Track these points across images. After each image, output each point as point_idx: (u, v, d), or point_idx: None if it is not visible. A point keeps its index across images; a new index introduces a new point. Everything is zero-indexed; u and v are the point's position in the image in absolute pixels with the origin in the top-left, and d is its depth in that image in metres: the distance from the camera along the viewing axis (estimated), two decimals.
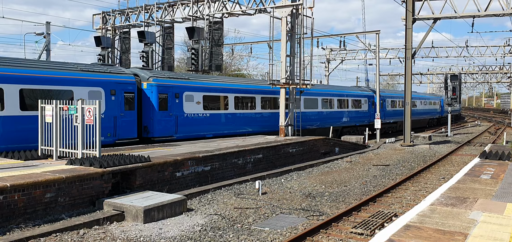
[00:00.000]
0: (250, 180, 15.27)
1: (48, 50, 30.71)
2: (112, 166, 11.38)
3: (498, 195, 9.71)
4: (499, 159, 15.75)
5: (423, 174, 17.95)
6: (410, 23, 27.58)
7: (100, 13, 30.74)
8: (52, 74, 16.07)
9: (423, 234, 6.74)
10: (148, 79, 19.53)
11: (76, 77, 16.75)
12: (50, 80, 15.89)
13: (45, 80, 15.72)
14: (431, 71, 73.64)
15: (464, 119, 75.63)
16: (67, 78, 16.46)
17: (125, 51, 29.77)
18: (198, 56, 25.09)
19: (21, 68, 15.31)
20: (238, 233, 9.53)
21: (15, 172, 10.40)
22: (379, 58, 33.63)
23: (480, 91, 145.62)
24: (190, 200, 12.30)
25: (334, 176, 17.06)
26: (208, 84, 22.43)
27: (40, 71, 15.82)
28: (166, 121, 19.84)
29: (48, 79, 15.85)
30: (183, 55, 50.76)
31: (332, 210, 11.78)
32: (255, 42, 45.56)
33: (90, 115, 12.21)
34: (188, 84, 21.20)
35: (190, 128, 20.95)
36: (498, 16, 26.49)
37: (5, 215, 9.06)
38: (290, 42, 22.23)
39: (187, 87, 20.97)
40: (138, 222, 10.12)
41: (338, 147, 24.29)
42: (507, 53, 54.03)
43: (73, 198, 10.35)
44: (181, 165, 13.61)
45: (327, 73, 50.89)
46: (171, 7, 27.09)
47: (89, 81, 17.02)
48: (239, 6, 24.58)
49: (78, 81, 16.70)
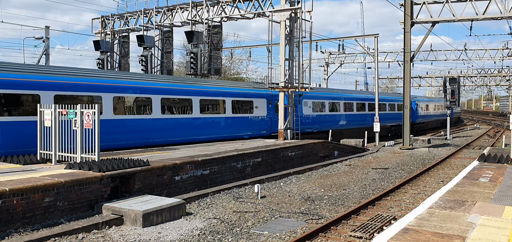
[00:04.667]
0: (249, 183, 15.27)
1: (47, 54, 30.75)
2: (111, 170, 11.38)
3: (496, 198, 9.72)
4: (497, 162, 15.77)
5: (422, 177, 17.96)
6: (408, 26, 27.64)
7: (99, 17, 30.81)
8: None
9: (421, 237, 6.75)
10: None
11: (254, 92, 19.94)
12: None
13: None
14: (430, 75, 73.77)
15: (464, 123, 75.68)
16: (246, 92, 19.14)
17: (124, 55, 29.81)
18: (197, 60, 25.12)
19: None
20: (237, 237, 9.53)
21: (13, 176, 10.40)
22: (378, 62, 33.67)
23: (479, 95, 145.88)
24: (189, 204, 12.30)
25: (333, 180, 17.06)
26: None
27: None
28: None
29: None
30: (182, 59, 50.85)
31: (331, 214, 11.79)
32: (254, 46, 45.61)
33: (89, 120, 12.22)
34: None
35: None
36: (496, 19, 26.57)
37: (4, 219, 9.06)
38: (289, 46, 22.27)
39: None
40: (137, 226, 10.12)
41: (337, 150, 24.30)
42: (505, 56, 54.15)
43: (72, 202, 10.35)
44: (180, 169, 13.61)
45: (326, 76, 50.96)
46: (170, 11, 27.14)
47: (258, 95, 20.63)
48: (238, 10, 24.64)
49: (254, 95, 19.41)
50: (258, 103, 24.61)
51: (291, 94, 22.76)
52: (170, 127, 19.62)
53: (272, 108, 25.34)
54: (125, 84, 18.21)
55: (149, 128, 18.67)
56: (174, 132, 19.74)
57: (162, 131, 19.16)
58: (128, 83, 18.38)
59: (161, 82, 20.21)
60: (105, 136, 15.74)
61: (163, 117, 19.22)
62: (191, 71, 25.22)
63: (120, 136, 17.56)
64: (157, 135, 18.98)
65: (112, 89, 17.45)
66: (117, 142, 17.37)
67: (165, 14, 27.34)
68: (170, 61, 28.08)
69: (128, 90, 18.16)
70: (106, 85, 17.38)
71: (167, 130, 19.43)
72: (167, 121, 19.51)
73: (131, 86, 18.37)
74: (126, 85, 18.23)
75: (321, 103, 30.50)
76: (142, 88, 18.69)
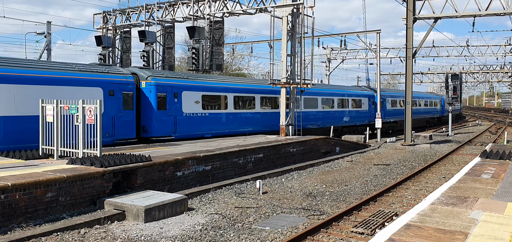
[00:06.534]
0: (250, 179, 15.28)
1: (49, 49, 30.74)
2: (113, 166, 11.39)
3: (498, 194, 9.70)
4: (499, 158, 15.74)
5: (424, 173, 17.94)
6: (410, 22, 27.56)
7: (101, 12, 30.76)
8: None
9: (423, 233, 6.74)
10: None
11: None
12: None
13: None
14: (432, 71, 73.62)
15: (465, 119, 75.56)
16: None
17: (126, 51, 29.79)
18: (198, 55, 25.10)
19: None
20: (238, 233, 9.54)
21: (16, 172, 10.42)
22: (379, 58, 33.62)
23: (481, 91, 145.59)
24: (191, 200, 12.31)
25: (334, 176, 17.06)
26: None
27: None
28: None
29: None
30: (184, 54, 50.78)
31: (332, 210, 11.79)
32: (255, 41, 45.55)
33: (91, 115, 12.23)
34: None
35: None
36: (499, 15, 26.46)
37: (6, 214, 9.08)
38: (291, 41, 22.23)
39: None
40: (139, 221, 10.13)
41: (339, 147, 24.29)
42: (508, 52, 54.02)
43: (74, 197, 10.36)
44: (182, 165, 13.62)
45: (328, 72, 50.88)
46: (172, 6, 27.10)
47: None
48: (240, 5, 24.59)
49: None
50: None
51: (292, 90, 22.75)
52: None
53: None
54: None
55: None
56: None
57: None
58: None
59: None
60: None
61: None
62: (193, 67, 25.20)
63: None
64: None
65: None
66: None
67: (167, 10, 27.30)
68: (171, 57, 28.07)
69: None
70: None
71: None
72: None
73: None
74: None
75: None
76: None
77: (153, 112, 19.26)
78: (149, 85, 19.34)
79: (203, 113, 21.52)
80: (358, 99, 36.27)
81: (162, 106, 19.57)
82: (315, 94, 29.60)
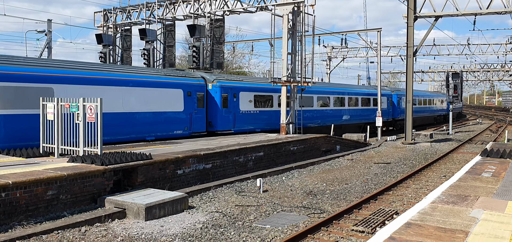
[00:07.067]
0: (251, 177, 15.29)
1: (49, 48, 30.73)
2: (113, 164, 11.40)
3: (499, 193, 9.71)
4: (500, 157, 15.74)
5: (424, 172, 17.94)
6: (411, 20, 27.53)
7: (102, 10, 30.74)
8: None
9: (424, 232, 6.75)
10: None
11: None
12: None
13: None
14: (432, 69, 73.56)
15: (466, 117, 75.51)
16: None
17: (126, 49, 29.76)
18: (199, 54, 25.09)
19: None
20: (239, 231, 9.55)
21: (16, 170, 10.43)
22: (380, 56, 33.59)
23: (482, 89, 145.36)
24: (192, 198, 12.32)
25: (335, 174, 17.06)
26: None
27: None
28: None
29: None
30: (185, 53, 50.68)
31: (333, 208, 11.79)
32: (256, 40, 45.65)
33: (92, 113, 12.23)
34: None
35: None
36: (500, 14, 26.44)
37: (7, 212, 9.09)
38: (291, 40, 22.21)
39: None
40: (139, 219, 10.14)
41: (339, 145, 24.29)
42: (508, 51, 53.95)
43: (74, 195, 10.37)
44: (183, 163, 13.62)
45: (328, 71, 50.84)
46: (173, 4, 27.06)
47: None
48: (241, 3, 24.56)
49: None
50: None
51: (293, 88, 22.74)
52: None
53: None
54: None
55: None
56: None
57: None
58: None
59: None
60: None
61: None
62: (193, 65, 25.19)
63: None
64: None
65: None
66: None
67: (167, 8, 27.27)
68: (172, 55, 28.03)
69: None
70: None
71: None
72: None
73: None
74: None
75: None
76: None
77: (218, 110, 22.26)
78: (215, 87, 22.34)
79: (255, 110, 24.69)
80: (367, 98, 37.84)
81: (225, 105, 22.62)
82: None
